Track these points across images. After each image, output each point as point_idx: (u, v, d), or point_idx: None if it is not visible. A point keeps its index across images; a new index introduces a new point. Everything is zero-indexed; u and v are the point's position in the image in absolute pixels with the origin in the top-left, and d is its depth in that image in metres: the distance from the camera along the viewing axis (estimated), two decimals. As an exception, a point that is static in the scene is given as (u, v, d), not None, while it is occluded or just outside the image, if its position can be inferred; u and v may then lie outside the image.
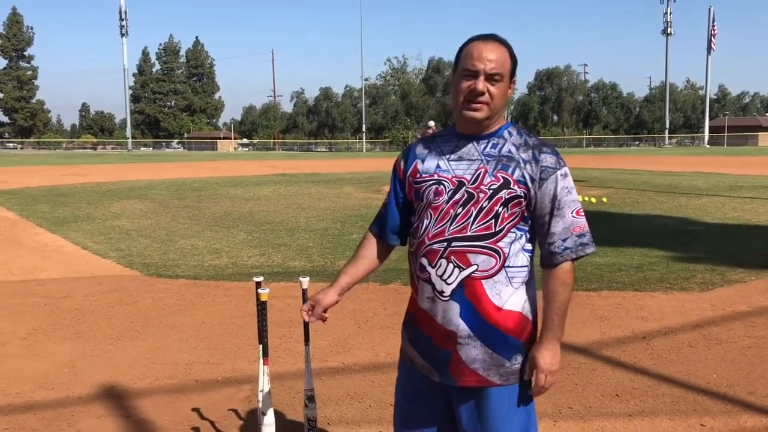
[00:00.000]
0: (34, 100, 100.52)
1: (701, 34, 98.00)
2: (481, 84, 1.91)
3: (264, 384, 2.90)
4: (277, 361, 4.38)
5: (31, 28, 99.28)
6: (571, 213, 1.95)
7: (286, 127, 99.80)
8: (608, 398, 3.77)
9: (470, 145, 1.99)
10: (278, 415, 3.25)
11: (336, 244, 9.26)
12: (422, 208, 2.01)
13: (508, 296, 1.93)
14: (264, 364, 2.91)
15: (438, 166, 2.00)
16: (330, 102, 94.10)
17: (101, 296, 6.34)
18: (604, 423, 3.45)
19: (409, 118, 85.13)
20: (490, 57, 1.92)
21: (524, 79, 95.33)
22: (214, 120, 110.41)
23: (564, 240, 1.94)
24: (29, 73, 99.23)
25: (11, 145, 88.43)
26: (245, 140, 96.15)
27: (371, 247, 2.23)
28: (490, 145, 1.98)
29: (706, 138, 76.96)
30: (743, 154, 43.86)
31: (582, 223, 1.97)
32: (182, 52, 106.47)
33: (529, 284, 1.99)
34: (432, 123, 21.87)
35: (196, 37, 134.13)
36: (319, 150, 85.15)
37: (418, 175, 2.04)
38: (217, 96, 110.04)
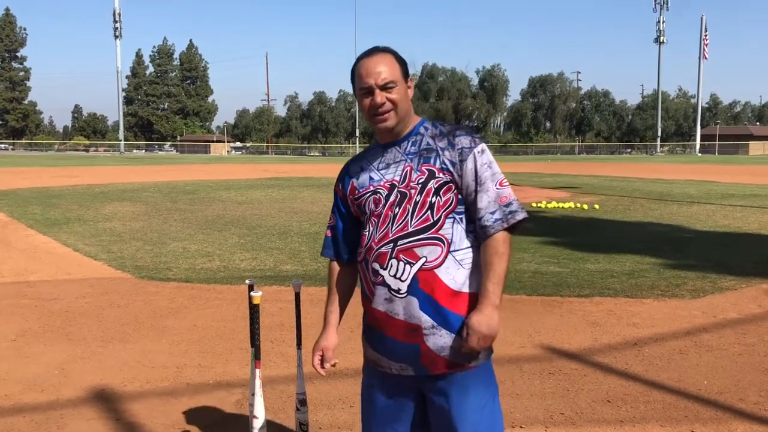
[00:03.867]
0: (26, 102, 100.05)
1: (694, 42, 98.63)
2: (378, 97, 2.02)
3: (256, 387, 2.89)
4: (269, 365, 4.37)
5: (24, 29, 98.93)
6: (495, 185, 2.02)
7: (279, 131, 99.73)
8: (600, 404, 3.77)
9: (393, 150, 2.09)
10: (270, 419, 3.24)
11: (328, 248, 9.25)
12: (366, 218, 2.11)
13: (463, 279, 2.00)
14: (256, 368, 2.90)
15: (371, 178, 2.10)
16: (324, 106, 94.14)
17: (92, 299, 6.31)
18: (596, 429, 3.46)
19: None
20: (378, 69, 2.02)
21: (517, 86, 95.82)
22: (207, 123, 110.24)
23: (492, 213, 2.00)
24: (22, 74, 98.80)
25: (2, 146, 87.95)
26: (238, 144, 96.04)
27: (338, 273, 2.32)
28: (410, 144, 2.08)
29: (698, 146, 77.36)
30: (734, 163, 44.12)
31: (507, 192, 2.03)
32: (176, 55, 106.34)
33: (479, 265, 2.04)
34: None
35: (190, 40, 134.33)
36: (312, 154, 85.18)
37: (356, 192, 2.13)
38: (210, 99, 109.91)
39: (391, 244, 2.00)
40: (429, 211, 1.99)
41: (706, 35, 76.47)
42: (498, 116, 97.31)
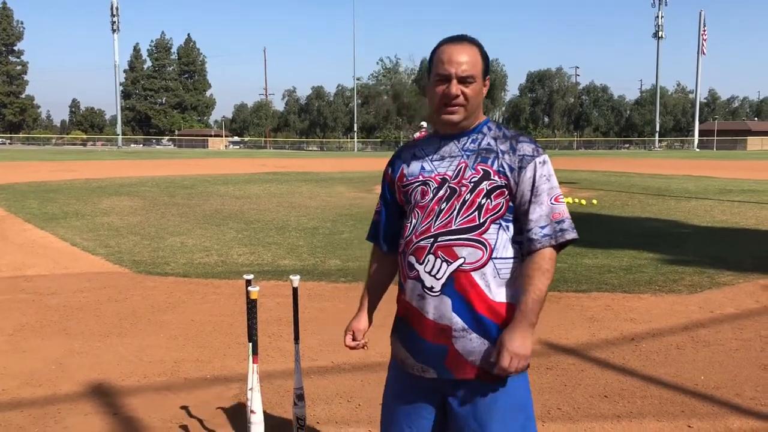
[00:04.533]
0: (23, 96, 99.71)
1: (692, 38, 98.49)
2: (454, 88, 1.95)
3: (253, 382, 2.89)
4: (267, 360, 4.37)
5: (21, 23, 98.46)
6: (550, 200, 1.96)
7: (277, 125, 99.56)
8: (597, 399, 3.78)
9: (451, 144, 2.03)
10: (267, 414, 3.24)
11: (326, 243, 9.26)
12: (410, 209, 2.05)
13: (498, 287, 1.93)
14: (253, 363, 2.90)
15: (422, 168, 2.05)
16: (322, 101, 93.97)
17: (90, 293, 6.30)
18: (593, 424, 3.46)
19: (400, 118, 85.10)
20: (461, 59, 1.95)
21: (516, 81, 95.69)
22: (205, 117, 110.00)
23: (543, 227, 1.94)
24: (19, 68, 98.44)
25: (0, 140, 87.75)
26: (236, 138, 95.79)
27: (378, 261, 2.28)
28: (470, 141, 2.02)
29: (696, 141, 77.30)
30: (732, 158, 44.13)
31: (561, 209, 1.97)
32: (174, 49, 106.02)
33: (519, 276, 1.97)
34: (425, 124, 21.95)
35: (188, 34, 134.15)
36: (310, 149, 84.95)
37: (405, 179, 2.08)
38: (208, 93, 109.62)
39: (431, 239, 1.95)
40: (476, 212, 1.93)
41: (704, 30, 76.38)
42: (496, 111, 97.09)
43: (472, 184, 1.94)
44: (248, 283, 2.91)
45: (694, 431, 3.38)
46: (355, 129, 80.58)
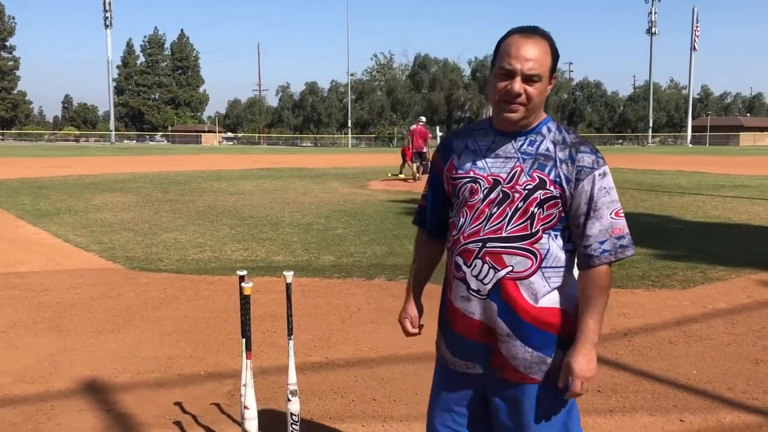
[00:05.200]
0: (15, 91, 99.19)
1: (685, 34, 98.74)
2: (517, 85, 1.84)
3: (247, 378, 2.89)
4: (260, 356, 4.37)
5: (13, 18, 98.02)
6: (610, 214, 1.89)
7: (271, 121, 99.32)
8: (590, 394, 3.79)
9: (507, 143, 1.94)
10: (261, 410, 3.23)
11: (320, 239, 9.25)
12: (458, 205, 1.99)
13: (544, 294, 1.89)
14: (247, 359, 2.90)
15: (474, 164, 1.96)
16: (315, 97, 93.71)
17: (83, 289, 6.28)
18: (586, 419, 3.47)
19: (394, 114, 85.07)
20: (529, 55, 1.84)
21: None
22: (198, 113, 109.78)
23: (602, 243, 1.88)
24: (11, 63, 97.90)
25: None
26: (230, 134, 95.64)
27: (423, 244, 2.24)
28: (527, 142, 1.92)
29: (689, 137, 77.56)
30: (725, 154, 44.30)
31: (622, 224, 1.91)
32: (167, 45, 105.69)
33: (569, 282, 1.94)
34: (423, 118, 22.07)
35: (182, 29, 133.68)
36: (304, 145, 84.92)
37: (454, 171, 2.00)
38: (201, 89, 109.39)
39: (480, 244, 1.89)
40: (529, 221, 1.86)
41: (697, 26, 76.55)
42: (490, 107, 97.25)
43: (526, 192, 1.86)
44: (242, 279, 2.91)
45: (686, 425, 3.40)
46: (349, 125, 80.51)
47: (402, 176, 21.01)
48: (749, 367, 4.22)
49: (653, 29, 79.65)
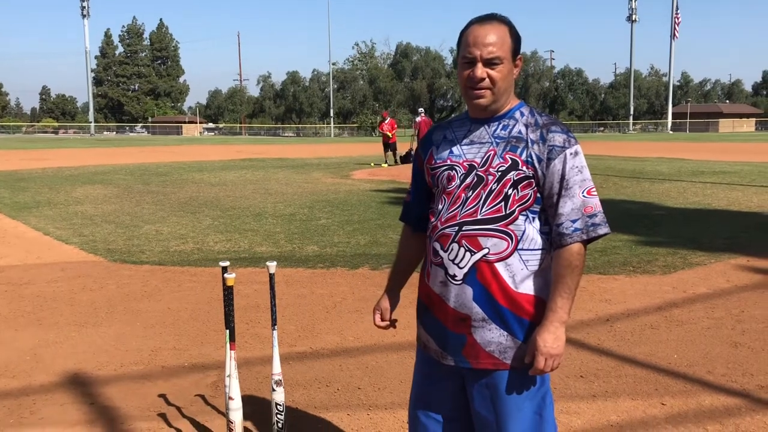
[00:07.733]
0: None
1: (666, 21, 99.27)
2: (479, 71, 1.89)
3: (231, 369, 2.88)
4: (244, 347, 4.36)
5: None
6: (582, 193, 1.90)
7: (252, 111, 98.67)
8: (572, 379, 3.83)
9: (482, 129, 1.98)
10: (245, 400, 3.23)
11: (303, 229, 9.23)
12: (438, 193, 2.03)
13: (522, 279, 1.91)
14: (231, 349, 2.89)
15: (451, 152, 2.00)
16: (297, 86, 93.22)
17: (64, 282, 6.23)
18: (569, 404, 3.51)
19: (377, 103, 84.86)
20: (487, 41, 1.88)
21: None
22: (178, 104, 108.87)
23: (573, 221, 1.89)
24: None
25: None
26: (211, 125, 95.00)
27: (406, 240, 2.27)
28: (500, 127, 1.96)
29: (669, 124, 78.15)
30: (705, 140, 44.72)
31: (594, 203, 1.91)
32: (146, 35, 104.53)
33: (547, 267, 1.95)
34: (422, 110, 22.44)
35: (160, 19, 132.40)
36: (286, 135, 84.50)
37: (433, 162, 2.04)
38: (181, 79, 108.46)
39: (456, 228, 1.92)
40: (503, 202, 1.89)
41: (677, 14, 76.97)
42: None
43: (499, 174, 1.90)
44: (224, 270, 2.90)
45: (667, 408, 3.44)
46: (332, 114, 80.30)
47: (385, 165, 21.03)
48: (728, 350, 4.28)
49: (634, 16, 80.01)
